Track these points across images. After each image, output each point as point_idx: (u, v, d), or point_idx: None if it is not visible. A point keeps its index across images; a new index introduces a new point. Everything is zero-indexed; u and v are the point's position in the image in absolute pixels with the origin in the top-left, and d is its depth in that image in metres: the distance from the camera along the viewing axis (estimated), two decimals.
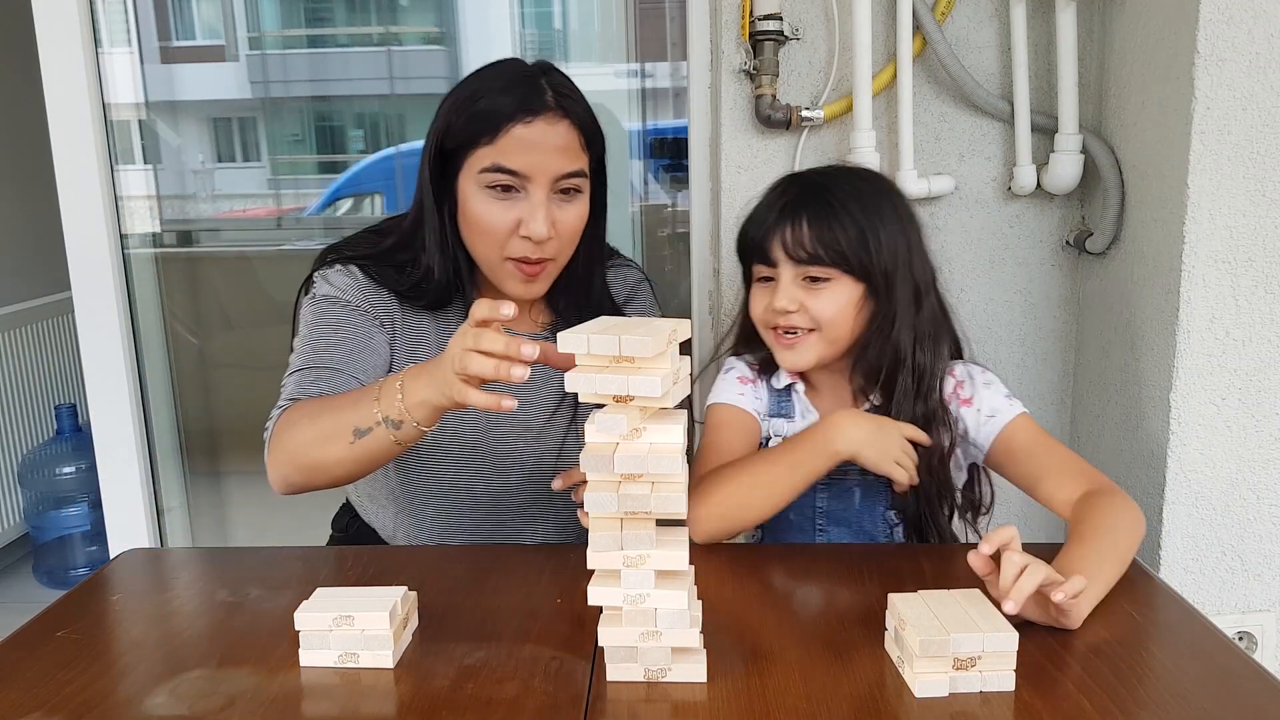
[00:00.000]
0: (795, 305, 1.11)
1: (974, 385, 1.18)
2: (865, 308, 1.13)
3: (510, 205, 1.09)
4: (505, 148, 1.07)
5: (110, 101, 1.87)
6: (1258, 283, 1.40)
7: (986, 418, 1.15)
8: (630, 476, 0.76)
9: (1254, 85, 1.34)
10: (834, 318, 1.12)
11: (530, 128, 1.07)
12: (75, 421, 2.73)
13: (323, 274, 1.16)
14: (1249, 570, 1.49)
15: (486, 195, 1.09)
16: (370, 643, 0.83)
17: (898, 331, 1.12)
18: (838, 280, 1.11)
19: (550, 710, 0.76)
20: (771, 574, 1.03)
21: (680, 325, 0.80)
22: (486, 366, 0.84)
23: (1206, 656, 0.84)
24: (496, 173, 1.08)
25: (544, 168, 1.08)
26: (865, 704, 0.76)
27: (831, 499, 1.18)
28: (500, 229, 1.09)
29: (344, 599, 0.86)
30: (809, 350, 1.14)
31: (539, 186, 1.09)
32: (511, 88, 1.09)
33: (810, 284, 1.12)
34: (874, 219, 1.10)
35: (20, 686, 0.82)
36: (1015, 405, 1.17)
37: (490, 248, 1.11)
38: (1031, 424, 1.16)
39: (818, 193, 1.12)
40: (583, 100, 1.13)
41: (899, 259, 1.12)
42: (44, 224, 2.82)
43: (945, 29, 1.61)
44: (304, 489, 1.04)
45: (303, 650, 0.84)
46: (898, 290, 1.12)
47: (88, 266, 1.86)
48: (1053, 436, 1.17)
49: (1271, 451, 1.45)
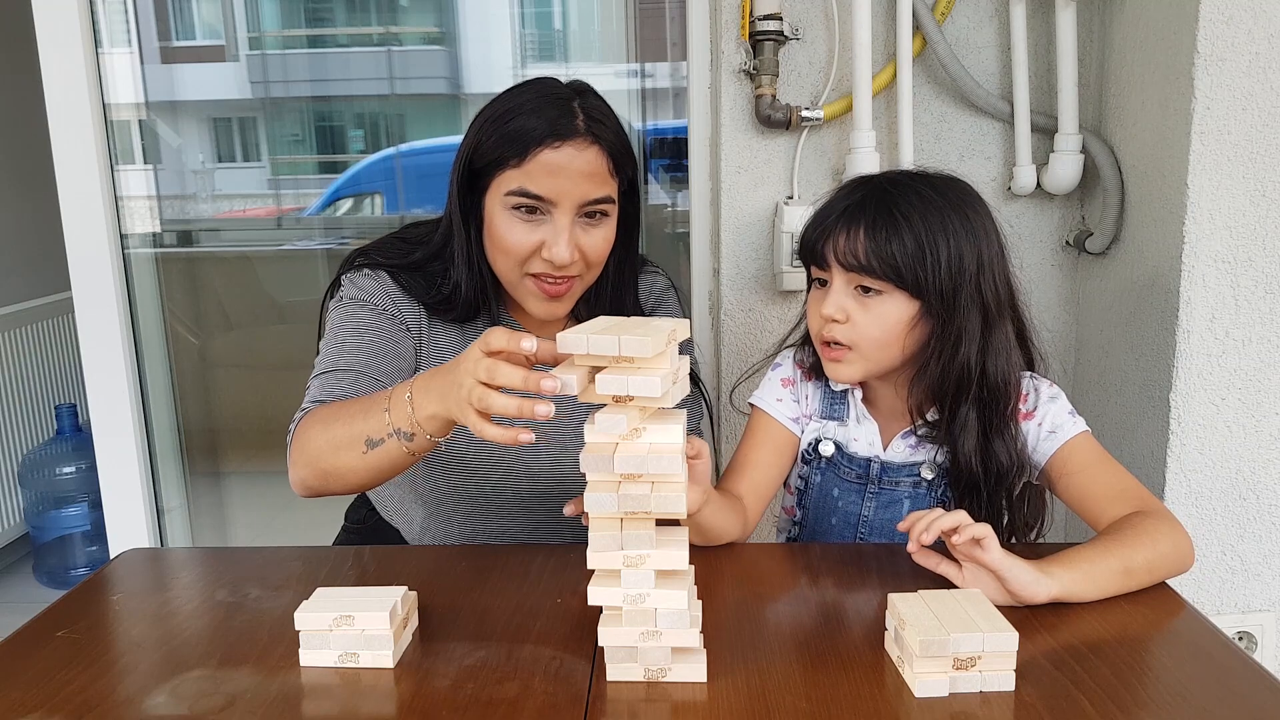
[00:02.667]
0: (843, 315, 1.06)
1: (1038, 399, 1.12)
2: (921, 325, 1.06)
3: (534, 227, 1.09)
4: (532, 171, 1.07)
5: (110, 101, 1.87)
6: (1258, 283, 1.40)
7: (1047, 433, 1.10)
8: (630, 476, 0.76)
9: (1254, 85, 1.34)
10: (879, 336, 1.06)
11: (559, 152, 1.06)
12: (75, 421, 2.73)
13: (350, 278, 1.16)
14: (1249, 570, 1.49)
15: (511, 216, 1.09)
16: (370, 643, 0.83)
17: (965, 354, 1.05)
18: (890, 294, 1.05)
19: (550, 710, 0.76)
20: (771, 574, 1.03)
21: (680, 325, 0.80)
22: (509, 406, 0.81)
23: (1206, 656, 0.84)
24: (522, 196, 1.07)
25: (570, 193, 1.07)
26: (865, 704, 0.76)
27: (879, 508, 1.16)
28: (523, 250, 1.09)
29: (344, 599, 0.86)
30: (850, 367, 1.09)
31: (564, 211, 1.08)
32: (543, 110, 1.07)
33: (862, 294, 1.06)
34: (936, 233, 1.03)
35: (20, 686, 0.82)
36: (1078, 423, 1.11)
37: (511, 267, 1.11)
38: (1091, 443, 1.10)
39: (881, 199, 1.06)
40: (616, 125, 1.11)
41: (964, 277, 1.04)
42: (44, 224, 2.83)
43: (945, 29, 1.61)
44: (322, 493, 1.03)
45: (303, 650, 0.84)
46: (961, 310, 1.05)
47: (88, 266, 1.86)
48: (1116, 464, 1.10)
49: (1271, 451, 1.45)
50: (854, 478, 1.17)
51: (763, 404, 1.20)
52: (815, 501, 1.19)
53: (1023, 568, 0.90)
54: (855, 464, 1.16)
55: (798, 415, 1.20)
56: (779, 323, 1.73)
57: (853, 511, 1.17)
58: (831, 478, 1.18)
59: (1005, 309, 1.09)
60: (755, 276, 1.72)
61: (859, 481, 1.17)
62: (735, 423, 1.77)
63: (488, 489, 1.21)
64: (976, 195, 1.10)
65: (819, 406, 1.19)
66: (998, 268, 1.08)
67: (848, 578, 1.01)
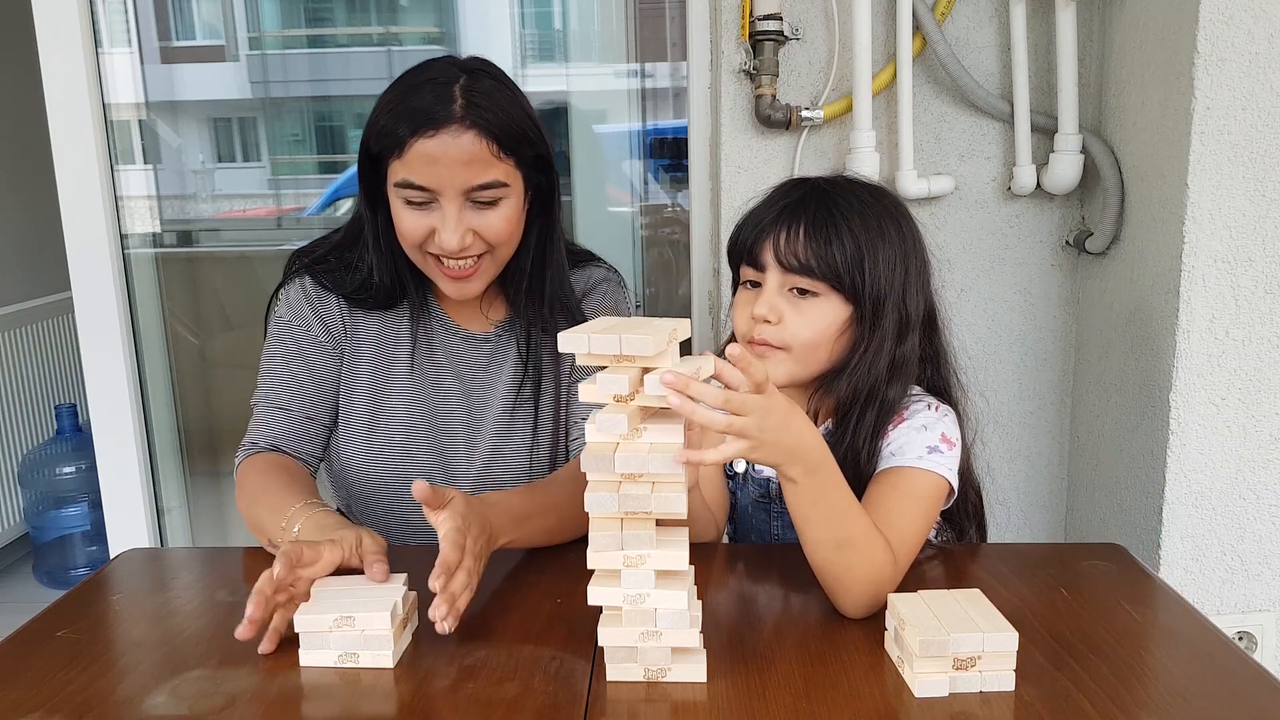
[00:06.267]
0: (776, 315, 1.03)
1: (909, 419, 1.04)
2: (847, 332, 1.04)
3: (425, 214, 1.08)
4: (411, 162, 1.06)
5: (110, 101, 1.87)
6: (1258, 283, 1.40)
7: (890, 453, 1.03)
8: (630, 476, 0.76)
9: (1254, 85, 1.34)
10: (811, 339, 1.03)
11: (434, 140, 1.04)
12: (75, 421, 2.73)
13: (284, 289, 1.21)
14: (1249, 570, 1.49)
15: (402, 205, 1.09)
16: (370, 643, 0.83)
17: (878, 365, 1.03)
18: (825, 297, 1.03)
19: (550, 710, 0.76)
20: (771, 574, 1.03)
21: (680, 325, 0.80)
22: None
23: (1206, 656, 0.84)
24: (407, 188, 1.07)
25: (449, 181, 1.06)
26: (865, 704, 0.76)
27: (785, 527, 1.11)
28: (416, 237, 1.10)
29: (343, 598, 0.86)
30: (780, 367, 1.04)
31: (449, 199, 1.07)
32: (418, 99, 1.06)
33: (797, 296, 1.03)
34: (875, 239, 1.02)
35: (20, 686, 0.82)
36: (927, 460, 1.00)
37: (413, 252, 1.13)
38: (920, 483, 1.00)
39: (821, 200, 1.04)
40: (503, 104, 1.07)
41: (893, 286, 1.03)
42: (44, 224, 2.83)
43: (945, 29, 1.61)
44: None
45: (303, 650, 0.84)
46: (885, 320, 1.03)
47: (88, 266, 1.87)
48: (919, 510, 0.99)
49: (1271, 451, 1.45)
50: (758, 496, 1.14)
51: None
52: (740, 519, 1.18)
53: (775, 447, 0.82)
54: (757, 483, 1.14)
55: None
56: None
57: (764, 530, 1.15)
58: (745, 495, 1.16)
59: (917, 326, 1.06)
60: None
61: (763, 500, 1.14)
62: None
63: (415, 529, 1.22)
64: (905, 207, 1.09)
65: None
66: (921, 283, 1.06)
67: None
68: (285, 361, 1.18)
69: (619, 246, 2.17)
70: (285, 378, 1.18)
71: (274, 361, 1.19)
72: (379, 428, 1.19)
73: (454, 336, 1.22)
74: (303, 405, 1.18)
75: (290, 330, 1.19)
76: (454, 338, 1.22)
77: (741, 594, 0.98)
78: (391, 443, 1.19)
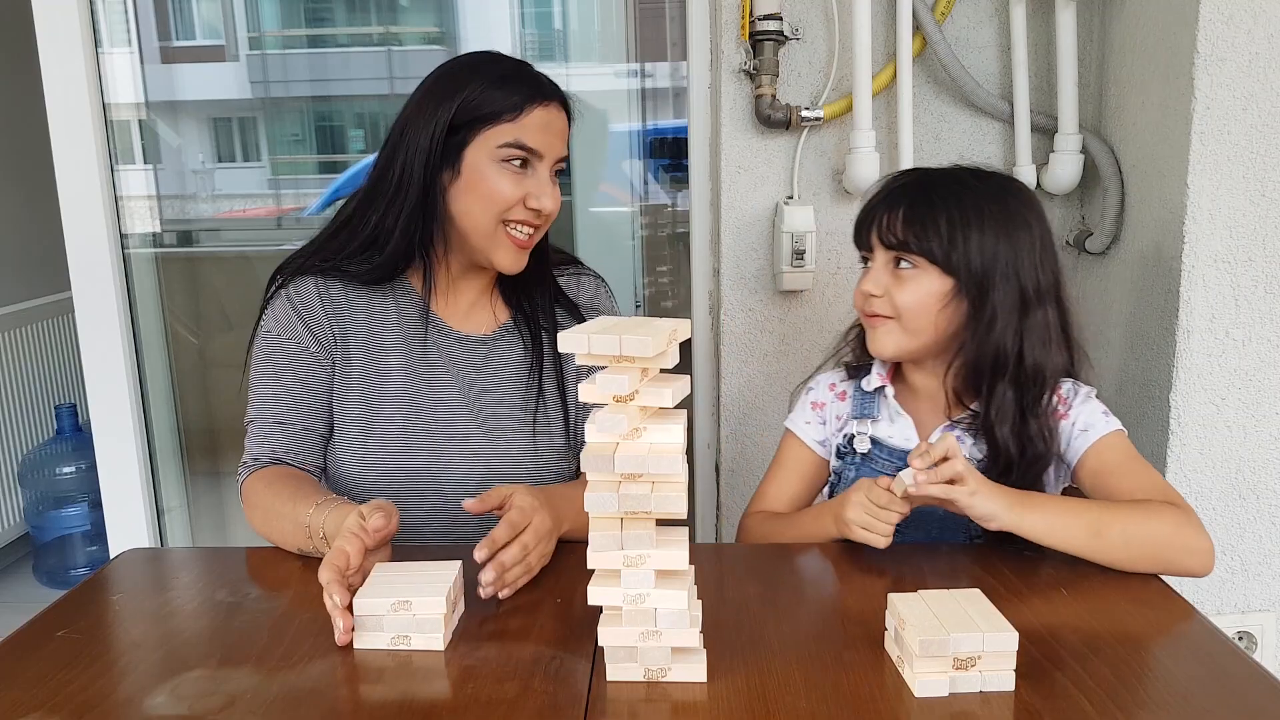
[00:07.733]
0: (880, 290, 1.13)
1: (1073, 399, 1.14)
2: (954, 305, 1.11)
3: (521, 179, 1.15)
4: (527, 126, 1.14)
5: (110, 101, 1.87)
6: (1258, 283, 1.40)
7: (1079, 432, 1.12)
8: (630, 476, 0.76)
9: (1254, 85, 1.34)
10: (912, 306, 1.12)
11: (547, 110, 1.16)
12: (75, 421, 2.73)
13: (271, 307, 1.22)
14: (1249, 570, 1.49)
15: (501, 168, 1.15)
16: (423, 625, 0.86)
17: (999, 334, 1.09)
18: (924, 270, 1.11)
19: (550, 710, 0.77)
20: (771, 574, 1.03)
21: (680, 325, 0.80)
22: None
23: (1206, 656, 0.84)
24: (516, 149, 1.14)
25: (552, 148, 1.17)
26: (865, 704, 0.76)
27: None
28: (510, 200, 1.15)
29: (399, 583, 0.89)
30: (888, 336, 1.14)
31: (546, 165, 1.17)
32: (524, 71, 1.17)
33: (898, 270, 1.13)
34: (970, 216, 1.10)
35: (20, 686, 0.82)
36: (1111, 422, 1.12)
37: (493, 218, 1.16)
38: (1124, 443, 1.12)
39: (921, 184, 1.14)
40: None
41: (999, 261, 1.09)
42: (44, 224, 2.82)
43: (945, 29, 1.61)
44: None
45: (357, 634, 0.86)
46: (996, 293, 1.09)
47: (88, 266, 1.86)
48: (1140, 461, 1.10)
49: (1271, 451, 1.45)
50: (891, 470, 1.16)
51: (793, 426, 1.27)
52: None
53: (986, 496, 0.98)
54: (895, 456, 1.18)
55: (824, 438, 1.25)
56: (779, 323, 1.73)
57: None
58: (867, 472, 1.18)
59: (1046, 296, 1.12)
60: (755, 276, 1.72)
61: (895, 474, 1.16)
62: (736, 422, 1.77)
63: (414, 526, 1.21)
64: (1022, 187, 1.17)
65: (853, 408, 1.23)
66: (1039, 256, 1.12)
67: (848, 578, 1.01)
68: (277, 376, 1.19)
69: (619, 246, 2.17)
70: (279, 392, 1.19)
71: (265, 378, 1.20)
72: (374, 432, 1.19)
73: (448, 339, 1.22)
74: (300, 418, 1.19)
75: (280, 345, 1.20)
76: (448, 340, 1.22)
77: (741, 594, 0.98)
78: (387, 444, 1.19)
